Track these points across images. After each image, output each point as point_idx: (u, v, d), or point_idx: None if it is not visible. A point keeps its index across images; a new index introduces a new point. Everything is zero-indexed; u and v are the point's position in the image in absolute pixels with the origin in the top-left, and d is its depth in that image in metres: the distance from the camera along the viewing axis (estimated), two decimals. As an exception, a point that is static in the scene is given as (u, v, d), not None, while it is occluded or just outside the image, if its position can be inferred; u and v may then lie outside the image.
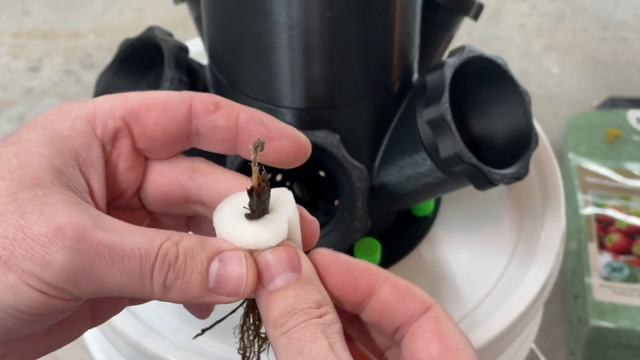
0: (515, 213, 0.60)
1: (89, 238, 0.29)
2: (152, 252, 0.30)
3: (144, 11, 1.32)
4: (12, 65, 1.25)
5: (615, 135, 1.02)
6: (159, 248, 0.30)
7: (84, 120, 0.33)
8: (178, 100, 0.35)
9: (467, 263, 0.57)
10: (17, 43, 1.28)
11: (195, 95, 0.35)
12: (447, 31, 0.57)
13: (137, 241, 0.30)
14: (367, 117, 0.51)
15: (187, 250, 0.31)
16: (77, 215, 0.30)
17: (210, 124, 0.35)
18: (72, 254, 0.29)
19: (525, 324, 0.54)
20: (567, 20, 1.31)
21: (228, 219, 0.33)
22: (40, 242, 0.29)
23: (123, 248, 0.30)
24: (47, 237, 0.29)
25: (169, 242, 0.31)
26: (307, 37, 0.46)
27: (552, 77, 1.22)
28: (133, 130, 0.34)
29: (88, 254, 0.29)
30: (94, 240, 0.29)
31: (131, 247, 0.30)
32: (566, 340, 0.89)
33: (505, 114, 0.51)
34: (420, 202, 0.57)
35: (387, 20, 0.48)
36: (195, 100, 0.35)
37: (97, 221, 0.30)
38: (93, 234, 0.29)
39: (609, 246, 0.89)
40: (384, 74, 0.50)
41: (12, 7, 1.33)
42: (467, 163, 0.47)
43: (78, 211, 0.30)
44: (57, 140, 0.32)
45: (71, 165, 0.32)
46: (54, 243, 0.29)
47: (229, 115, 0.35)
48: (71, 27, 1.30)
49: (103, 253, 0.29)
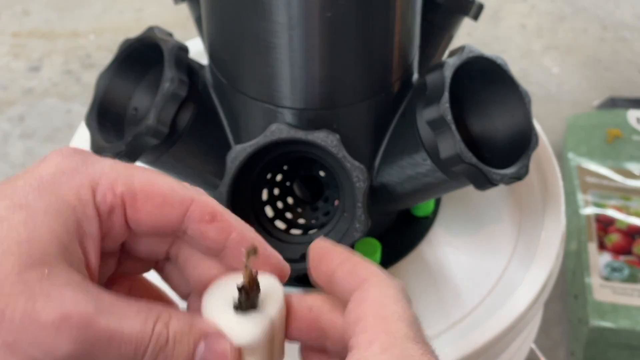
0: (515, 213, 0.60)
1: (93, 327, 0.31)
2: (146, 336, 0.32)
3: (144, 11, 1.32)
4: (12, 65, 1.25)
5: (615, 135, 1.02)
6: (152, 333, 0.32)
7: (88, 189, 0.34)
8: (178, 199, 0.35)
9: (467, 263, 0.57)
10: (17, 43, 1.28)
11: (196, 198, 0.35)
12: (447, 31, 0.57)
13: (132, 325, 0.31)
14: (367, 117, 0.51)
15: (176, 333, 0.33)
16: (81, 301, 0.31)
17: (200, 231, 0.35)
18: (76, 344, 0.30)
19: (525, 324, 0.54)
20: (567, 20, 1.31)
21: (216, 305, 0.35)
22: (46, 330, 0.30)
23: (121, 334, 0.31)
24: (54, 326, 0.30)
25: (160, 325, 0.32)
26: (307, 37, 0.46)
27: (552, 77, 1.22)
28: (127, 211, 0.35)
29: (90, 343, 0.31)
30: (97, 328, 0.31)
31: (129, 332, 0.31)
32: (566, 340, 0.89)
33: (505, 114, 0.51)
34: (420, 202, 0.57)
35: (387, 20, 0.48)
36: (194, 205, 0.35)
37: (99, 305, 0.31)
38: (96, 321, 0.31)
39: (609, 246, 0.89)
40: (384, 74, 0.50)
41: (12, 7, 1.34)
42: (467, 163, 0.47)
43: (82, 294, 0.31)
44: (63, 210, 0.33)
45: (74, 239, 0.33)
46: (59, 333, 0.30)
47: (222, 230, 0.35)
48: (71, 27, 1.30)
49: (104, 340, 0.31)
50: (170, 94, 0.49)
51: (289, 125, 0.48)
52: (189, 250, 0.37)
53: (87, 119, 0.52)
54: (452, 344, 0.50)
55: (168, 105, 0.49)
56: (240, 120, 0.52)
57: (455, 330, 0.53)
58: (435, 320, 0.53)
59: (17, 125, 1.17)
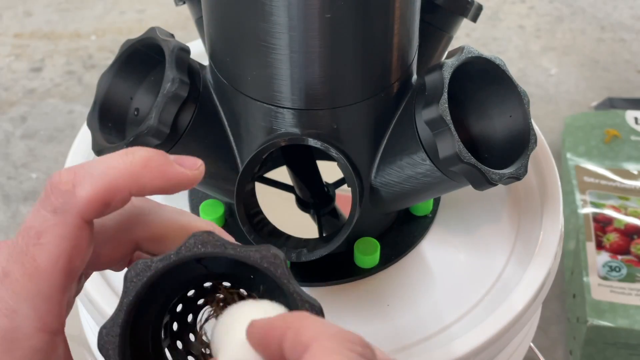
0: (514, 212, 0.60)
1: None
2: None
3: (145, 12, 1.32)
4: (14, 66, 1.25)
5: (614, 135, 1.02)
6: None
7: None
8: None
9: (465, 262, 0.57)
10: (19, 44, 1.28)
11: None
12: (446, 32, 0.58)
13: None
14: (367, 118, 0.51)
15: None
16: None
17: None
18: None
19: (523, 322, 0.54)
20: (566, 21, 1.31)
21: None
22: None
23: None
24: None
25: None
26: (307, 38, 0.46)
27: (550, 77, 1.22)
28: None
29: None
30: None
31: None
32: (564, 339, 0.90)
33: (504, 115, 0.52)
34: (420, 202, 0.58)
35: (387, 21, 0.48)
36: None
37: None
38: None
39: (607, 246, 0.90)
40: (384, 74, 0.50)
41: (14, 8, 1.34)
42: (466, 163, 0.47)
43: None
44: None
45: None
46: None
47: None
48: (73, 28, 1.31)
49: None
50: (171, 95, 0.49)
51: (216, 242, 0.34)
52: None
53: (89, 120, 0.52)
54: (451, 342, 0.51)
55: (169, 105, 0.49)
56: (240, 121, 0.52)
57: (453, 328, 0.53)
58: (433, 319, 0.53)
59: (19, 126, 1.17)
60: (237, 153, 0.54)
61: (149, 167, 0.34)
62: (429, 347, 0.51)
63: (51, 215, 0.33)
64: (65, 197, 0.33)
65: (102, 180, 0.33)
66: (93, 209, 0.33)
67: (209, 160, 0.54)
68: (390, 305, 0.54)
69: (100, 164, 0.34)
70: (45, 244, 0.33)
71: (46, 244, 0.33)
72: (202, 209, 0.58)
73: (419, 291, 0.55)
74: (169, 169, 0.35)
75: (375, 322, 0.53)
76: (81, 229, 0.33)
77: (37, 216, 0.34)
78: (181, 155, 0.37)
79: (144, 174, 0.34)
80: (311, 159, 0.57)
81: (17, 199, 1.08)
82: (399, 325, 0.53)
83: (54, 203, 0.33)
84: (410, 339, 0.52)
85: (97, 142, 0.51)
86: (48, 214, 0.33)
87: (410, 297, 0.55)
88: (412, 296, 0.55)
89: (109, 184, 0.33)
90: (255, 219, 0.52)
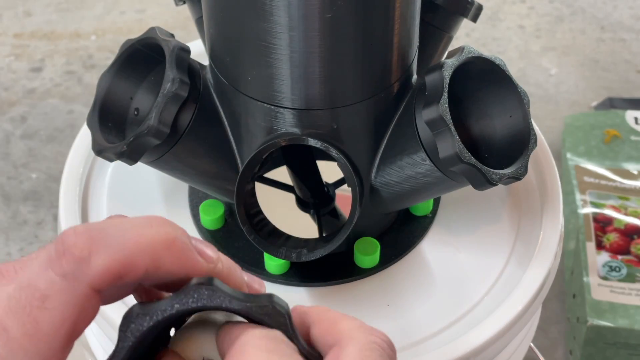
0: (514, 212, 0.60)
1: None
2: None
3: (145, 12, 1.32)
4: (14, 66, 1.25)
5: (614, 135, 1.02)
6: None
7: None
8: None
9: (466, 262, 0.57)
10: (19, 44, 1.28)
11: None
12: (446, 32, 0.58)
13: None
14: (367, 118, 0.51)
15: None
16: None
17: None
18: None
19: (523, 322, 0.54)
20: (566, 21, 1.31)
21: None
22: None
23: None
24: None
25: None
26: (307, 38, 0.46)
27: (550, 77, 1.22)
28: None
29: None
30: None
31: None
32: (564, 339, 0.90)
33: (504, 115, 0.52)
34: (420, 202, 0.58)
35: (387, 21, 0.48)
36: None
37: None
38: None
39: (607, 246, 0.90)
40: (384, 74, 0.50)
41: (14, 8, 1.34)
42: (466, 163, 0.47)
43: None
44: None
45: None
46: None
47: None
48: (73, 27, 1.31)
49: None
50: (171, 95, 0.49)
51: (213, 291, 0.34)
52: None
53: (89, 120, 0.52)
54: (451, 342, 0.51)
55: (169, 105, 0.49)
56: (240, 121, 0.52)
57: (453, 328, 0.53)
58: (433, 319, 0.53)
59: (19, 126, 1.17)
60: (237, 153, 0.54)
61: (171, 250, 0.33)
62: (429, 347, 0.51)
63: (59, 280, 0.31)
64: (79, 265, 0.31)
65: (120, 254, 0.31)
66: (106, 282, 0.32)
67: (209, 160, 0.54)
68: (390, 305, 0.54)
69: (120, 232, 0.32)
70: (50, 309, 0.31)
71: (51, 309, 0.31)
72: (202, 209, 0.58)
73: (419, 291, 0.55)
74: (189, 256, 0.33)
75: (375, 322, 0.53)
76: (90, 298, 0.32)
77: (44, 276, 0.31)
78: (201, 242, 0.35)
79: (164, 255, 0.32)
80: (311, 159, 0.57)
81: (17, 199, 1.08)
82: (399, 325, 0.53)
83: (64, 268, 0.31)
84: (411, 339, 0.52)
85: (97, 142, 0.51)
86: (56, 278, 0.31)
87: (410, 297, 0.55)
88: (412, 296, 0.55)
89: (126, 258, 0.32)
90: (255, 219, 0.52)
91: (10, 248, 0.99)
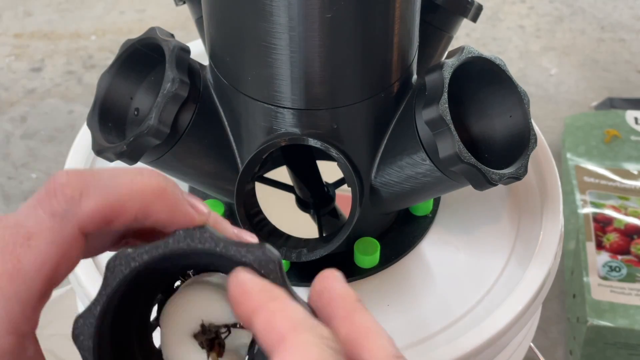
0: (514, 213, 0.60)
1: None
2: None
3: (145, 12, 1.32)
4: (14, 66, 1.25)
5: (614, 135, 1.02)
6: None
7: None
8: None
9: (466, 262, 0.57)
10: (19, 44, 1.28)
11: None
12: (446, 32, 0.58)
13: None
14: (367, 118, 0.51)
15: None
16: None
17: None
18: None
19: (523, 322, 0.54)
20: (566, 21, 1.31)
21: (177, 334, 0.33)
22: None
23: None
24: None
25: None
26: (307, 38, 0.46)
27: (550, 77, 1.22)
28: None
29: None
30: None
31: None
32: (565, 339, 0.90)
33: (504, 114, 0.52)
34: (420, 202, 0.58)
35: (387, 21, 0.48)
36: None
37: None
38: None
39: (607, 246, 0.90)
40: (384, 74, 0.50)
41: (14, 8, 1.34)
42: (466, 163, 0.47)
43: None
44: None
45: None
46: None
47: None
48: (73, 28, 1.31)
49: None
50: (171, 95, 0.49)
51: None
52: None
53: (89, 120, 0.52)
54: (451, 342, 0.51)
55: (169, 105, 0.49)
56: (240, 121, 0.52)
57: (453, 328, 0.53)
58: (433, 319, 0.53)
59: (19, 126, 1.17)
60: (237, 153, 0.54)
61: (162, 198, 0.32)
62: (429, 347, 0.51)
63: (48, 218, 0.31)
64: (69, 204, 0.31)
65: (111, 197, 0.31)
66: (94, 224, 0.31)
67: (208, 160, 0.54)
68: (390, 305, 0.54)
69: (112, 177, 0.32)
70: (33, 247, 0.31)
71: (35, 247, 0.31)
72: (202, 209, 0.58)
73: (419, 291, 0.55)
74: (180, 206, 0.32)
75: (375, 322, 0.53)
76: (76, 240, 0.31)
77: (32, 215, 0.31)
78: (193, 196, 0.34)
79: (155, 203, 0.32)
80: (311, 159, 0.57)
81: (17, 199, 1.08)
82: (399, 325, 0.53)
83: (54, 206, 0.31)
84: (411, 339, 0.52)
85: (97, 142, 0.51)
86: (45, 216, 0.31)
87: (410, 297, 0.55)
88: (412, 296, 0.55)
89: (117, 202, 0.31)
90: (255, 219, 0.52)
91: (10, 248, 0.99)
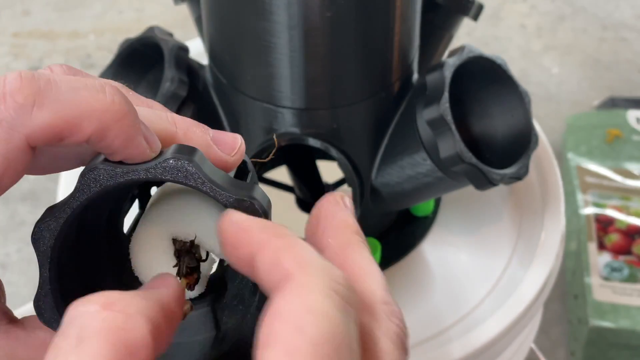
0: (515, 213, 0.60)
1: None
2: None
3: (144, 11, 1.32)
4: (12, 66, 1.25)
5: (615, 135, 1.02)
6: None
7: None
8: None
9: (467, 263, 0.57)
10: (18, 43, 1.28)
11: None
12: (447, 31, 0.57)
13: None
14: (367, 117, 0.51)
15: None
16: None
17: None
18: None
19: (525, 323, 0.54)
20: (567, 20, 1.31)
21: (155, 236, 0.32)
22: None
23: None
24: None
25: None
26: (308, 37, 0.46)
27: (551, 77, 1.22)
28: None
29: None
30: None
31: None
32: (566, 340, 0.89)
33: (505, 114, 0.51)
34: (421, 202, 0.58)
35: (387, 20, 0.48)
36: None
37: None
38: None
39: (609, 246, 0.89)
40: (384, 74, 0.50)
41: (12, 7, 1.34)
42: (467, 163, 0.47)
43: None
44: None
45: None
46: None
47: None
48: (71, 27, 1.30)
49: None
50: (170, 94, 0.49)
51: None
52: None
53: (88, 119, 0.52)
54: (452, 343, 0.51)
55: (168, 104, 0.49)
56: (240, 120, 0.52)
57: (455, 329, 0.53)
58: (435, 319, 0.53)
59: (17, 125, 1.17)
60: (236, 153, 0.53)
61: (120, 124, 0.28)
62: (430, 347, 0.51)
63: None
64: (19, 113, 0.27)
65: (67, 111, 0.28)
66: (44, 138, 0.28)
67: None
68: (390, 307, 0.54)
69: (71, 90, 0.28)
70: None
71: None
72: (201, 209, 0.57)
73: (420, 292, 0.55)
74: (137, 135, 0.29)
75: (376, 323, 0.53)
76: (23, 153, 0.28)
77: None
78: (149, 130, 0.30)
79: (112, 127, 0.28)
80: (311, 159, 0.57)
81: (15, 199, 1.07)
82: (400, 326, 0.53)
83: (2, 113, 0.27)
84: (412, 339, 0.52)
85: (95, 141, 0.51)
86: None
87: (411, 298, 0.55)
88: (413, 297, 0.55)
89: (73, 118, 0.28)
90: (254, 220, 0.51)
91: (8, 248, 0.99)
